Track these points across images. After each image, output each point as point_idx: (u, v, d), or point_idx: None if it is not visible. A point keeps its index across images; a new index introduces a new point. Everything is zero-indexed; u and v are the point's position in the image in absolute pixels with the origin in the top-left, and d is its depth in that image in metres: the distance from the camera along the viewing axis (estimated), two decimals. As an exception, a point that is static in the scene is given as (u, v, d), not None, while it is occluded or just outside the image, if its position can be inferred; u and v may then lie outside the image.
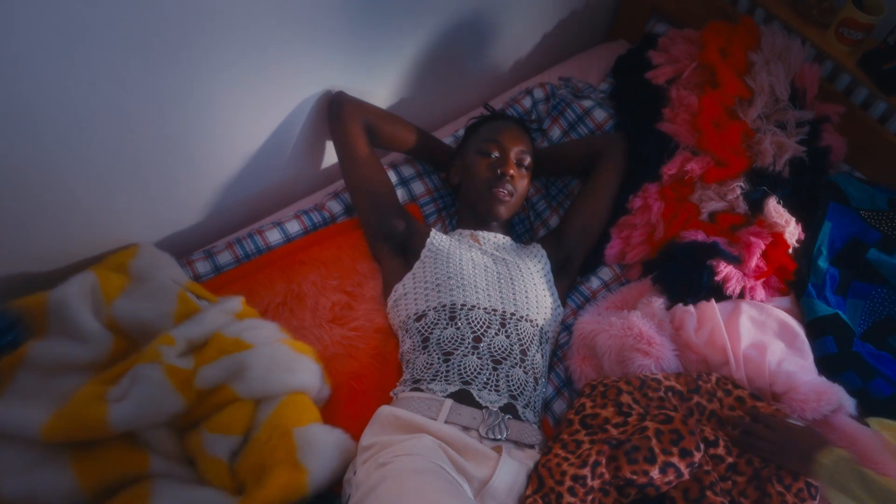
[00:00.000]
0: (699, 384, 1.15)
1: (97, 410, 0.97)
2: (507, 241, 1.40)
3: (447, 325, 1.19)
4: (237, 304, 1.21)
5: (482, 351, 1.16)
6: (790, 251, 1.37)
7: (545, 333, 1.27)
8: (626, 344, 1.21)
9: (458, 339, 1.17)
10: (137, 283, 1.20)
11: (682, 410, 1.12)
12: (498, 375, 1.14)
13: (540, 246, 1.41)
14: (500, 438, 1.08)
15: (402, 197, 1.48)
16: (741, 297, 1.32)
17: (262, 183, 1.46)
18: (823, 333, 1.29)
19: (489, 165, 1.35)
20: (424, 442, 1.00)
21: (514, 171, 1.33)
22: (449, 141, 1.58)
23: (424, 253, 1.31)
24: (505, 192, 1.33)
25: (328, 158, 1.56)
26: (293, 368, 1.11)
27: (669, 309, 1.32)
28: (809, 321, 1.31)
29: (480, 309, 1.21)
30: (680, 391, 1.14)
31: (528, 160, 1.38)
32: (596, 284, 1.45)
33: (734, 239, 1.37)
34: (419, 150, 1.48)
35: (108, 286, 1.15)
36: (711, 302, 1.28)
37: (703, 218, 1.40)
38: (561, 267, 1.40)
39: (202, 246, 1.41)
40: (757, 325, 1.28)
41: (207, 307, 1.18)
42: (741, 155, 1.46)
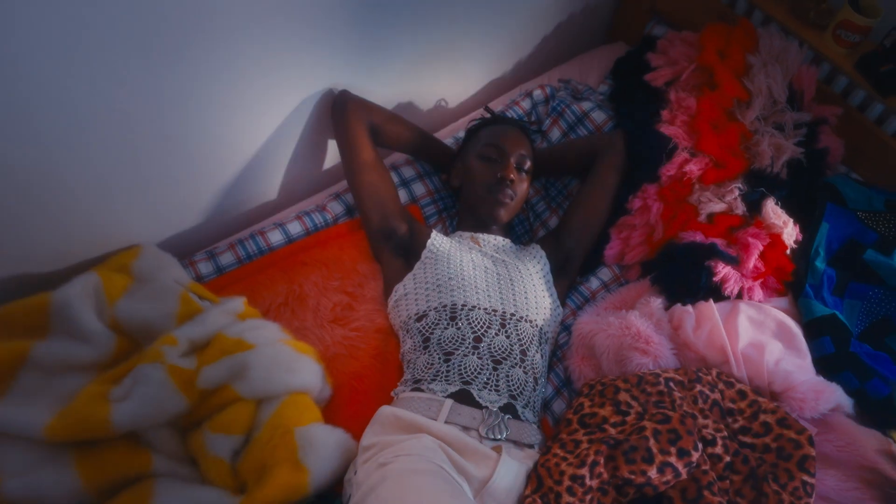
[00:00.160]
0: (700, 376, 1.15)
1: (100, 410, 0.97)
2: (506, 242, 1.40)
3: (448, 325, 1.19)
4: (239, 304, 1.21)
5: (482, 351, 1.16)
6: (788, 252, 1.37)
7: (545, 334, 1.27)
8: (624, 343, 1.21)
9: (458, 339, 1.17)
10: (140, 283, 1.19)
11: (687, 399, 1.11)
12: (498, 375, 1.14)
13: (539, 247, 1.40)
14: (499, 438, 1.07)
15: (403, 198, 1.48)
16: (739, 297, 1.32)
17: (263, 184, 1.46)
18: (821, 334, 1.29)
19: (490, 169, 1.35)
20: (425, 442, 1.00)
21: (514, 175, 1.33)
22: (449, 142, 1.58)
23: (425, 254, 1.31)
24: (505, 196, 1.33)
25: (329, 159, 1.56)
26: (295, 369, 1.11)
27: (668, 309, 1.32)
28: (807, 321, 1.31)
29: (481, 309, 1.21)
30: (681, 381, 1.14)
31: (528, 164, 1.38)
32: (595, 285, 1.45)
33: (732, 240, 1.37)
34: (421, 150, 1.48)
35: (110, 287, 1.15)
36: (710, 302, 1.28)
37: (701, 219, 1.40)
38: (560, 267, 1.40)
39: (204, 247, 1.41)
40: (755, 324, 1.28)
41: (209, 308, 1.17)
42: (739, 156, 1.46)
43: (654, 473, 0.97)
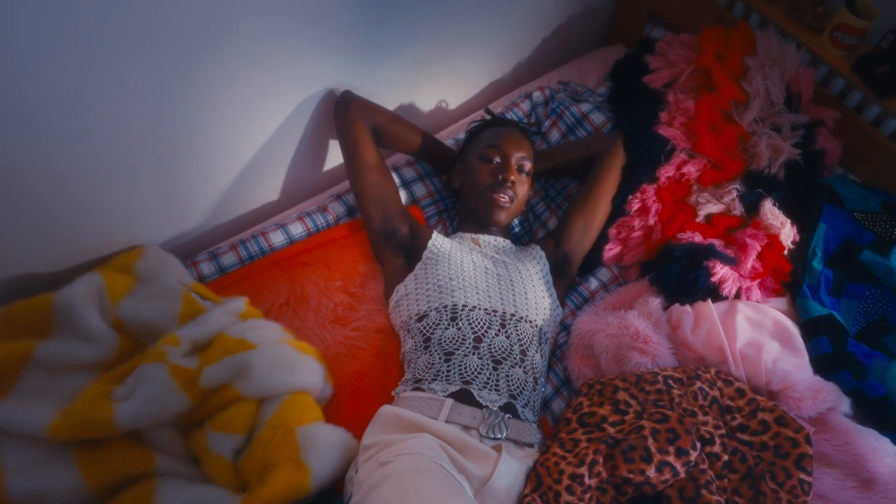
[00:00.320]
0: (699, 373, 1.15)
1: (103, 409, 0.97)
2: (506, 243, 1.40)
3: (448, 325, 1.19)
4: (241, 304, 1.21)
5: (483, 351, 1.16)
6: (785, 252, 1.37)
7: (544, 334, 1.27)
8: (623, 343, 1.21)
9: (459, 339, 1.17)
10: (143, 284, 1.19)
11: (687, 396, 1.11)
12: (498, 375, 1.14)
13: (539, 247, 1.40)
14: (499, 437, 1.07)
15: (403, 199, 1.48)
16: (737, 297, 1.32)
17: (265, 184, 1.46)
18: (818, 333, 1.29)
19: (490, 171, 1.35)
20: (425, 441, 1.00)
21: (514, 177, 1.33)
22: (450, 143, 1.58)
23: (426, 255, 1.31)
24: (506, 197, 1.33)
25: (331, 160, 1.56)
26: (296, 368, 1.11)
27: (666, 309, 1.32)
28: (804, 321, 1.31)
29: (481, 310, 1.21)
30: (680, 378, 1.14)
31: (528, 166, 1.38)
32: (594, 285, 1.45)
33: (730, 240, 1.37)
34: (422, 152, 1.48)
35: (113, 287, 1.15)
36: (708, 302, 1.28)
37: (699, 220, 1.40)
38: (559, 268, 1.40)
39: (206, 247, 1.41)
40: (753, 324, 1.28)
41: (212, 308, 1.18)
42: (737, 158, 1.46)
43: (652, 472, 0.97)
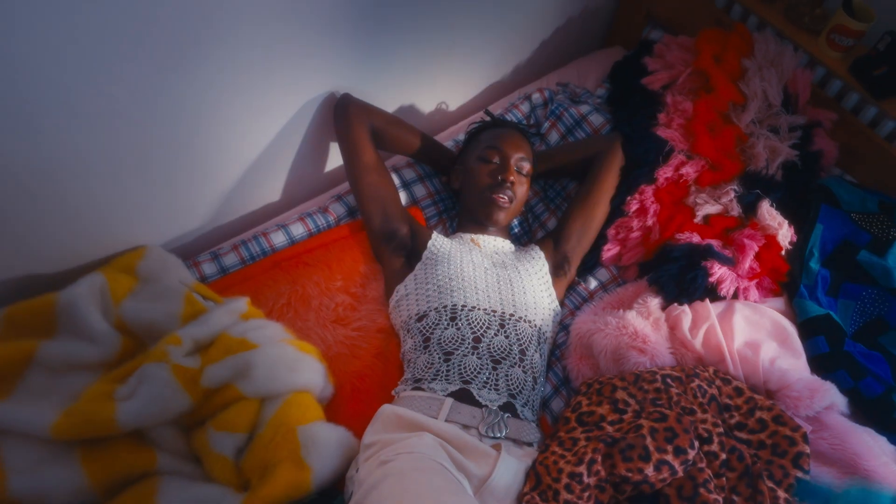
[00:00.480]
0: (697, 372, 1.15)
1: (105, 409, 0.97)
2: (506, 243, 1.40)
3: (448, 325, 1.19)
4: (243, 304, 1.21)
5: (482, 351, 1.16)
6: (783, 253, 1.37)
7: (543, 334, 1.27)
8: (621, 342, 1.21)
9: (458, 339, 1.17)
10: (145, 284, 1.20)
11: (686, 394, 1.11)
12: (497, 375, 1.14)
13: (538, 248, 1.40)
14: (499, 436, 1.07)
15: (404, 199, 1.48)
16: (735, 297, 1.32)
17: (266, 186, 1.46)
18: (815, 333, 1.29)
19: (490, 172, 1.35)
20: (425, 440, 1.00)
21: (514, 177, 1.33)
22: (450, 145, 1.58)
23: (426, 255, 1.31)
24: (505, 198, 1.33)
25: (332, 161, 1.56)
26: (297, 368, 1.11)
27: (665, 309, 1.32)
28: (802, 321, 1.31)
29: (480, 310, 1.21)
30: (678, 377, 1.14)
31: (527, 167, 1.38)
32: (593, 285, 1.45)
33: (728, 241, 1.37)
34: (422, 153, 1.48)
35: (116, 287, 1.15)
36: (706, 302, 1.28)
37: (697, 220, 1.40)
38: (559, 268, 1.40)
39: (208, 248, 1.41)
40: (751, 324, 1.28)
41: (213, 308, 1.18)
42: (735, 159, 1.46)
43: (650, 471, 0.97)
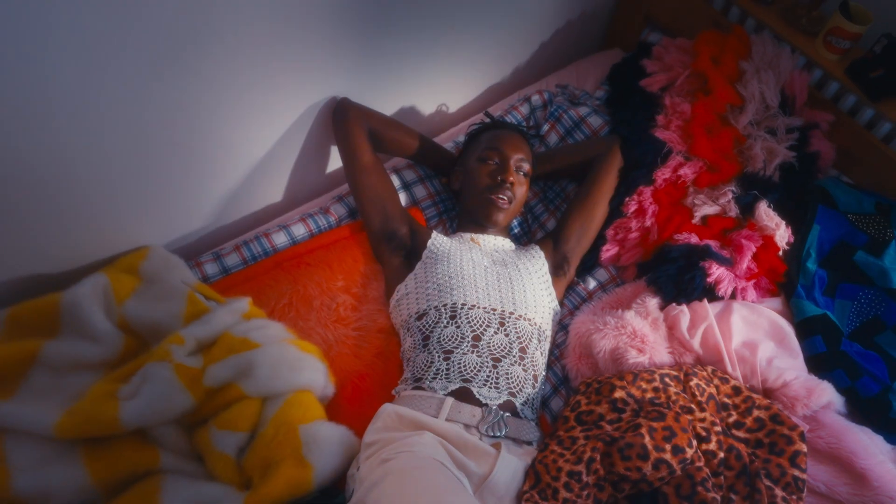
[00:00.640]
0: (695, 371, 1.15)
1: (109, 408, 0.97)
2: (506, 242, 1.40)
3: (448, 323, 1.19)
4: (244, 304, 1.21)
5: (482, 349, 1.16)
6: (780, 253, 1.37)
7: (543, 332, 1.27)
8: (620, 342, 1.21)
9: (458, 337, 1.17)
10: (148, 284, 1.20)
11: (686, 392, 1.11)
12: (498, 373, 1.14)
13: (538, 248, 1.40)
14: (499, 435, 1.08)
15: (404, 201, 1.48)
16: (733, 297, 1.32)
17: (268, 187, 1.46)
18: (812, 333, 1.29)
19: (490, 172, 1.35)
20: (426, 439, 1.00)
21: (513, 178, 1.33)
22: (450, 147, 1.58)
23: (426, 254, 1.31)
24: (504, 198, 1.33)
25: (333, 163, 1.56)
26: (299, 367, 1.11)
27: (663, 309, 1.32)
28: (799, 321, 1.31)
29: (480, 308, 1.21)
30: (677, 376, 1.14)
31: (527, 167, 1.38)
32: (592, 285, 1.45)
33: (726, 241, 1.38)
34: (421, 155, 1.48)
35: (119, 287, 1.15)
36: (704, 302, 1.28)
37: (695, 221, 1.40)
38: (558, 268, 1.40)
39: (210, 248, 1.41)
40: (748, 324, 1.28)
41: (216, 308, 1.18)
42: (733, 160, 1.46)
43: (649, 470, 0.97)
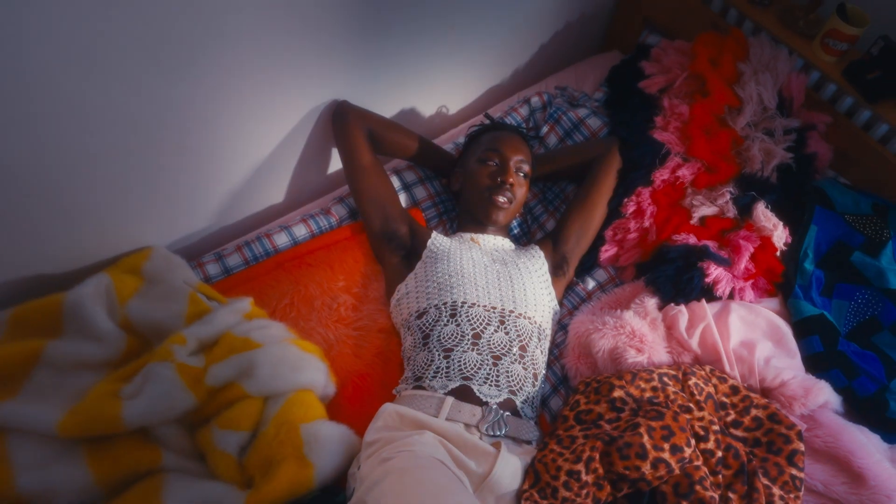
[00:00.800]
0: (693, 370, 1.15)
1: (111, 407, 0.97)
2: (506, 241, 1.40)
3: (448, 321, 1.19)
4: (246, 304, 1.21)
5: (482, 347, 1.16)
6: (778, 254, 1.37)
7: (543, 330, 1.27)
8: (619, 342, 1.21)
9: (458, 335, 1.17)
10: (150, 284, 1.20)
11: (685, 392, 1.11)
12: (498, 371, 1.14)
13: (538, 248, 1.41)
14: (498, 435, 1.08)
15: (404, 201, 1.48)
16: (731, 298, 1.32)
17: (269, 188, 1.46)
18: (810, 333, 1.29)
19: (489, 173, 1.35)
20: (426, 438, 1.00)
21: (513, 179, 1.33)
22: (450, 148, 1.58)
23: (426, 253, 1.31)
24: (504, 199, 1.33)
25: (334, 164, 1.56)
26: (300, 367, 1.11)
27: (662, 309, 1.32)
28: (796, 321, 1.31)
29: (480, 306, 1.21)
30: (675, 375, 1.14)
31: (526, 168, 1.38)
32: (591, 285, 1.45)
33: (724, 242, 1.38)
34: (420, 157, 1.48)
35: (121, 287, 1.15)
36: (702, 302, 1.28)
37: (693, 222, 1.40)
38: (557, 268, 1.40)
39: (212, 248, 1.41)
40: (746, 323, 1.28)
41: (217, 308, 1.18)
42: (730, 161, 1.46)
43: (647, 469, 0.97)
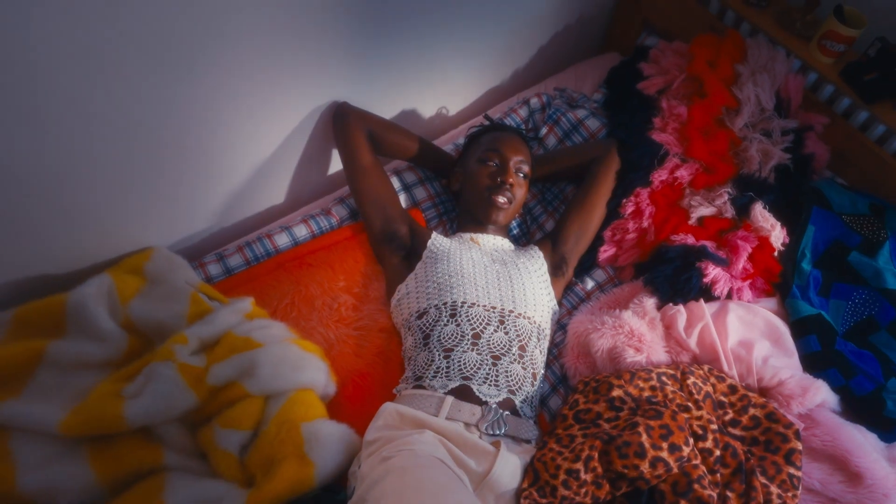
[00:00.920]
0: (692, 369, 1.15)
1: (114, 406, 0.97)
2: (505, 242, 1.41)
3: (448, 322, 1.19)
4: (247, 304, 1.21)
5: (481, 347, 1.16)
6: (775, 254, 1.37)
7: (542, 330, 1.27)
8: (618, 341, 1.21)
9: (458, 335, 1.17)
10: (152, 284, 1.20)
11: (683, 391, 1.11)
12: (497, 371, 1.14)
13: (537, 248, 1.41)
14: (498, 434, 1.08)
15: (404, 202, 1.48)
16: (729, 297, 1.32)
17: (270, 189, 1.46)
18: (807, 332, 1.29)
19: (489, 174, 1.35)
20: (426, 437, 1.00)
21: (513, 179, 1.33)
22: (449, 149, 1.58)
23: (426, 254, 1.31)
24: (504, 199, 1.33)
25: (334, 165, 1.56)
26: (301, 366, 1.11)
27: (660, 309, 1.32)
28: (794, 321, 1.31)
29: (479, 306, 1.21)
30: (673, 374, 1.14)
31: (526, 169, 1.38)
32: (590, 285, 1.45)
33: (722, 242, 1.38)
34: (420, 158, 1.48)
35: (123, 288, 1.15)
36: (700, 302, 1.28)
37: (692, 222, 1.41)
38: (557, 268, 1.40)
39: (214, 249, 1.41)
40: (744, 323, 1.28)
41: (219, 308, 1.18)
42: (728, 162, 1.46)
43: (646, 468, 0.97)
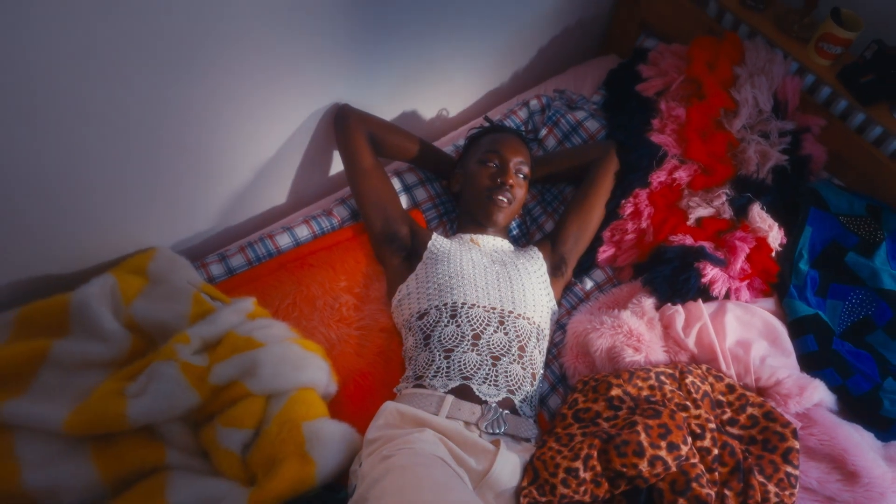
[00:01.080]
0: (690, 369, 1.15)
1: (116, 405, 0.97)
2: (505, 243, 1.41)
3: (448, 322, 1.19)
4: (249, 304, 1.21)
5: (481, 347, 1.16)
6: (773, 254, 1.37)
7: (542, 331, 1.27)
8: (616, 341, 1.21)
9: (458, 336, 1.17)
10: (155, 284, 1.20)
11: (682, 390, 1.11)
12: (497, 371, 1.14)
13: (536, 249, 1.41)
14: (498, 432, 1.08)
15: (405, 203, 1.48)
16: (727, 298, 1.32)
17: (272, 189, 1.46)
18: (805, 332, 1.29)
19: (489, 175, 1.35)
20: (426, 436, 1.00)
21: (513, 180, 1.34)
22: (450, 150, 1.58)
23: (426, 255, 1.32)
24: (504, 199, 1.34)
25: (335, 166, 1.56)
26: (302, 366, 1.11)
27: (659, 309, 1.32)
28: (791, 321, 1.31)
29: (479, 307, 1.21)
30: (672, 374, 1.14)
31: (526, 170, 1.38)
32: (589, 286, 1.45)
33: (720, 243, 1.38)
34: (421, 159, 1.48)
35: (126, 288, 1.15)
36: (699, 302, 1.29)
37: (690, 223, 1.41)
38: (556, 269, 1.40)
39: (216, 249, 1.41)
40: (742, 323, 1.28)
41: (221, 307, 1.18)
42: (726, 163, 1.46)
43: (644, 466, 0.98)
